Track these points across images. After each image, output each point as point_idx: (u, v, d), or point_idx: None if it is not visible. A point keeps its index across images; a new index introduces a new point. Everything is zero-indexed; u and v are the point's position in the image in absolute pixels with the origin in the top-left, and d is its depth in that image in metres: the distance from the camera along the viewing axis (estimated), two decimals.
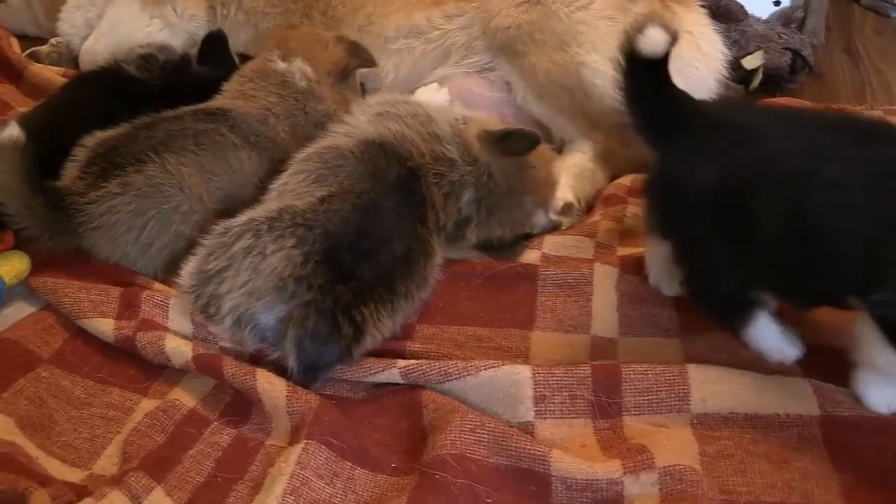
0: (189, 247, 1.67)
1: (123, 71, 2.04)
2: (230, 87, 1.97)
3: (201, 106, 1.89)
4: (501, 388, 1.44)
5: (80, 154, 1.75)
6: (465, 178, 1.72)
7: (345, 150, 1.65)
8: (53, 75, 2.48)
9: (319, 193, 1.55)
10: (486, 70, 2.20)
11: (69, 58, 2.67)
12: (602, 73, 2.04)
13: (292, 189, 1.61)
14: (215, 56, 2.09)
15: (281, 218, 1.50)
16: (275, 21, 2.40)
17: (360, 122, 1.77)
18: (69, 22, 2.62)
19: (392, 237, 1.56)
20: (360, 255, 1.50)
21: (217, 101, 1.93)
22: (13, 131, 1.62)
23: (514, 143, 1.76)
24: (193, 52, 2.12)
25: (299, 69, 1.96)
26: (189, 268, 1.54)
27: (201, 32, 2.40)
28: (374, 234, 1.53)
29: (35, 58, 2.66)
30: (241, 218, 1.54)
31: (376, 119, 1.76)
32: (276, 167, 1.77)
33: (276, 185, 1.67)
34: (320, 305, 1.44)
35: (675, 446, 1.34)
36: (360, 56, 2.05)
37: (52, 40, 2.71)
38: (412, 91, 2.17)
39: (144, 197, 1.69)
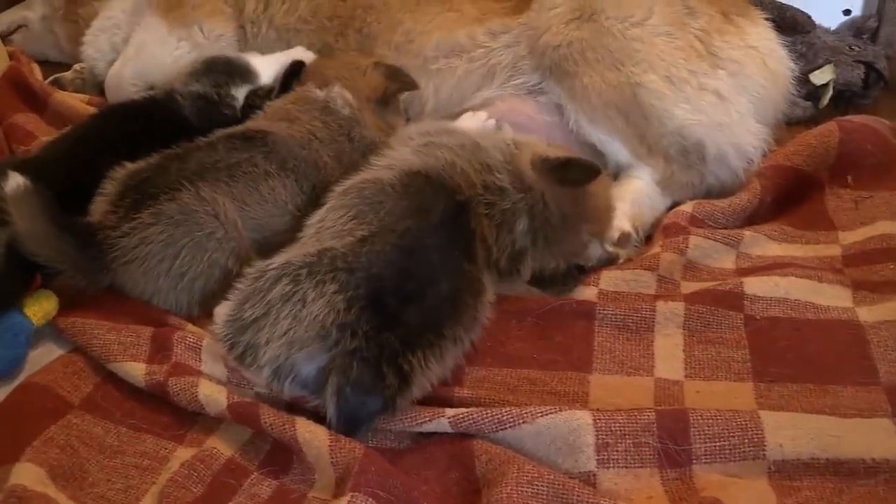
0: (224, 278, 1.72)
1: (176, 104, 2.11)
2: (275, 104, 2.04)
3: (239, 128, 1.94)
4: (560, 435, 1.45)
5: (110, 187, 1.80)
6: (517, 206, 1.73)
7: (385, 185, 1.67)
8: (78, 103, 2.55)
9: (360, 233, 1.57)
10: (534, 92, 2.22)
11: (93, 84, 2.74)
12: (660, 93, 2.06)
13: (331, 226, 1.63)
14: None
15: (320, 262, 1.51)
16: (307, 39, 2.45)
17: (402, 152, 1.80)
18: (93, 46, 2.69)
19: (438, 277, 1.56)
20: (405, 299, 1.51)
21: (258, 122, 1.99)
22: (16, 180, 1.66)
23: (573, 174, 1.77)
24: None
25: (339, 95, 2.01)
26: (223, 315, 1.56)
27: (230, 53, 2.47)
28: (420, 275, 1.54)
29: (58, 85, 2.74)
30: (277, 260, 1.56)
31: (422, 149, 1.78)
32: (318, 194, 1.82)
33: (314, 221, 1.69)
34: (365, 354, 1.45)
35: (751, 499, 1.34)
36: (399, 80, 2.09)
37: (76, 66, 2.78)
38: (455, 116, 2.20)
39: (177, 225, 1.73)
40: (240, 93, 2.19)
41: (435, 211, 1.63)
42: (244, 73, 2.24)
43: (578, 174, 1.77)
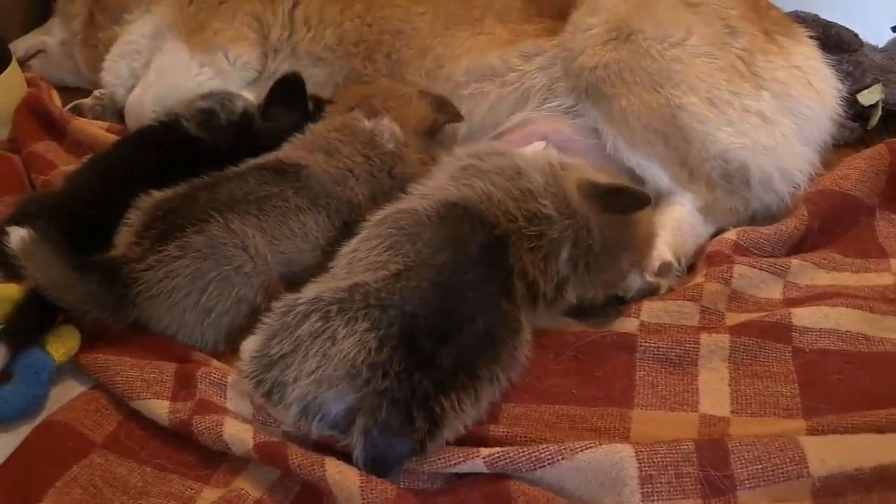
0: (252, 313, 1.74)
1: (182, 128, 2.14)
2: (317, 130, 2.06)
3: (272, 158, 1.96)
4: (602, 470, 1.46)
5: (134, 218, 1.83)
6: (564, 234, 1.74)
7: (422, 216, 1.69)
8: (98, 131, 2.59)
9: (394, 266, 1.59)
10: (570, 115, 2.25)
11: (113, 110, 2.78)
12: (701, 115, 2.08)
13: (363, 258, 1.65)
14: (287, 102, 2.17)
15: (352, 298, 1.52)
16: (332, 67, 2.50)
17: (440, 180, 1.82)
18: (113, 72, 2.73)
19: (475, 315, 1.56)
20: (439, 339, 1.51)
21: (294, 152, 2.00)
22: (18, 234, 1.68)
23: (623, 202, 1.79)
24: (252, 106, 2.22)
25: (388, 129, 2.03)
26: (250, 351, 1.57)
27: (252, 79, 2.52)
28: (455, 313, 1.55)
29: (78, 111, 2.78)
30: (307, 294, 1.58)
31: (460, 175, 1.80)
32: (349, 230, 1.84)
33: (346, 251, 1.71)
34: (395, 395, 1.46)
35: None
36: (447, 111, 2.12)
37: (96, 92, 2.83)
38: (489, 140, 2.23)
39: (205, 258, 1.76)
40: (239, 105, 2.23)
41: (472, 245, 1.65)
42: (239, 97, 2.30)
43: (629, 202, 1.79)
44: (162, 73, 2.58)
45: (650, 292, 1.93)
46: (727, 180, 2.09)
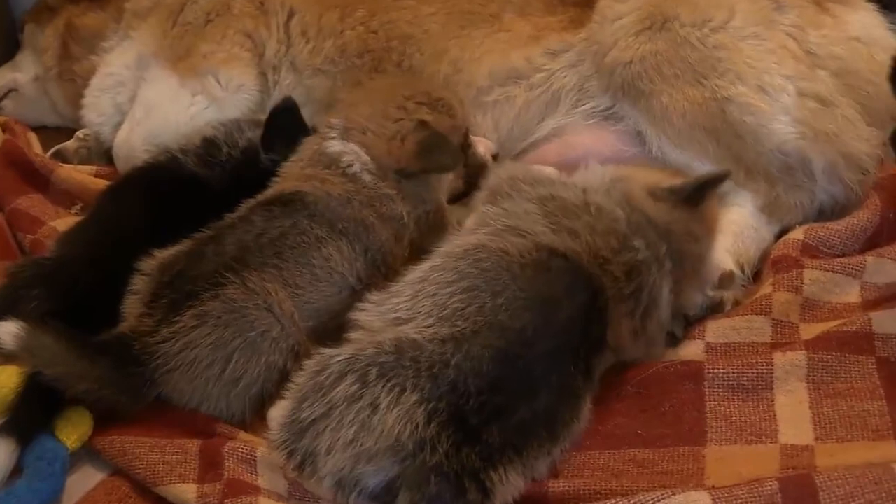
0: (283, 380, 1.76)
1: (181, 166, 2.18)
2: (289, 168, 2.09)
3: (271, 194, 2.00)
4: None
5: (140, 284, 1.86)
6: (661, 270, 1.78)
7: (514, 263, 1.67)
8: (85, 177, 2.64)
9: (461, 326, 1.58)
10: (610, 118, 2.29)
11: (100, 152, 2.85)
12: (752, 106, 2.12)
13: (432, 294, 1.64)
14: (286, 134, 2.19)
15: (399, 362, 1.53)
16: (334, 81, 2.56)
17: (529, 215, 1.80)
18: (95, 109, 2.79)
19: (537, 391, 1.57)
20: (489, 416, 1.53)
21: (289, 184, 2.03)
22: (9, 329, 1.71)
23: (705, 189, 1.84)
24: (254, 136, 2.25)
25: (355, 155, 2.05)
26: (279, 416, 1.60)
27: (252, 104, 2.57)
28: (515, 389, 1.56)
29: (61, 157, 2.83)
30: (343, 351, 1.59)
31: (549, 213, 1.79)
32: (374, 261, 1.92)
33: (414, 277, 1.71)
34: (444, 469, 1.48)
35: None
36: (433, 162, 2.05)
37: (79, 133, 2.88)
38: (521, 152, 2.29)
39: (226, 326, 1.79)
40: (245, 136, 2.27)
41: (565, 309, 1.64)
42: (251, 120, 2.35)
43: (710, 186, 1.85)
44: (150, 107, 2.64)
45: (714, 309, 1.97)
46: (788, 174, 2.12)
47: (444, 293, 1.64)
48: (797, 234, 2.10)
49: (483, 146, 2.25)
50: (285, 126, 2.20)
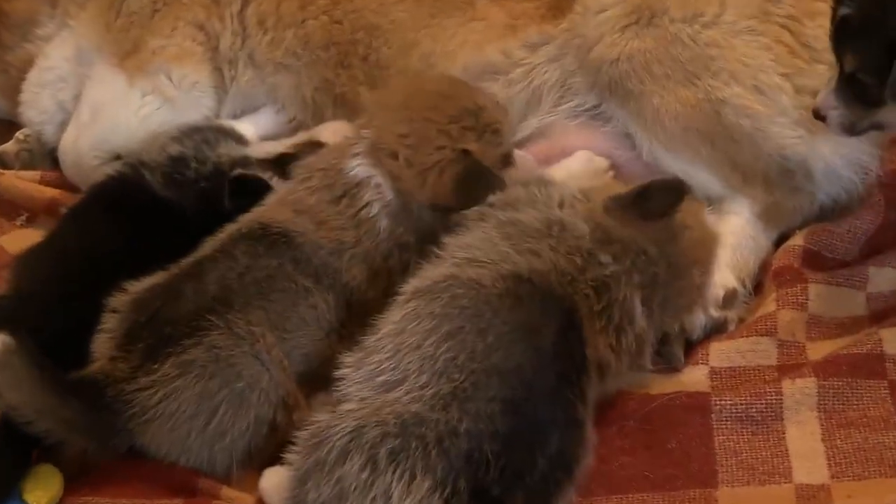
0: (272, 432, 1.76)
1: (147, 186, 2.12)
2: (286, 191, 2.01)
3: (256, 224, 1.93)
4: None
5: (111, 322, 1.82)
6: (629, 283, 1.75)
7: (491, 294, 1.64)
8: (29, 185, 2.58)
9: (457, 377, 1.53)
10: (595, 117, 2.27)
11: (43, 153, 2.77)
12: (749, 109, 2.11)
13: (414, 346, 1.59)
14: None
15: (406, 443, 1.47)
16: (298, 77, 2.50)
17: (490, 239, 1.77)
18: (35, 106, 2.71)
19: (549, 435, 1.55)
20: (511, 481, 1.50)
21: (278, 212, 1.95)
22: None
23: (656, 201, 1.80)
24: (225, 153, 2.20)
25: (378, 189, 1.94)
26: (280, 497, 1.57)
27: (209, 103, 2.51)
28: (530, 441, 1.53)
29: (1, 162, 2.75)
30: (341, 423, 1.53)
31: (513, 236, 1.76)
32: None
33: (390, 330, 1.65)
34: None
35: None
36: (472, 197, 1.90)
37: (19, 134, 2.80)
38: None
39: (211, 376, 1.75)
40: (215, 150, 2.22)
41: (547, 334, 1.62)
42: (229, 132, 2.30)
43: (664, 198, 1.81)
44: (97, 109, 2.57)
45: (717, 329, 1.98)
46: (787, 178, 2.12)
47: (429, 344, 1.59)
48: (797, 239, 2.12)
49: (523, 164, 2.14)
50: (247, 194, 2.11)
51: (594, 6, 2.24)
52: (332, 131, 2.23)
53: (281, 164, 2.16)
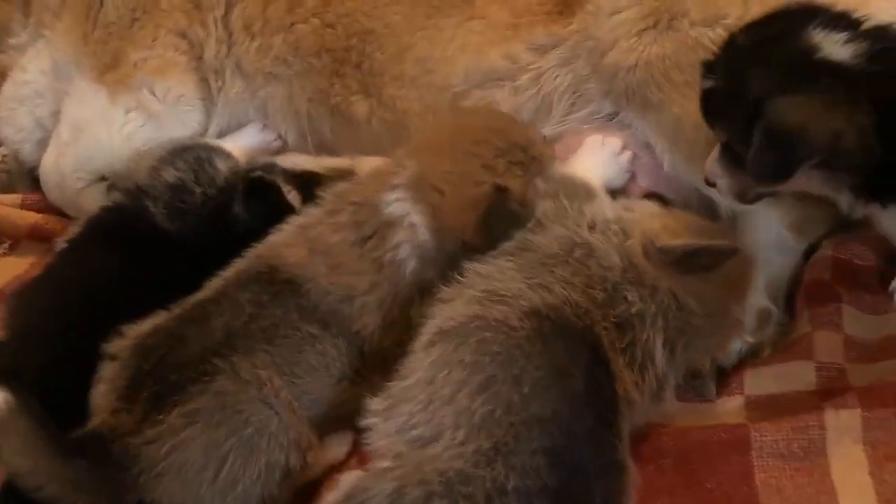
0: (286, 477, 1.73)
1: (149, 217, 2.09)
2: (317, 219, 1.95)
3: (262, 263, 1.89)
4: None
5: (111, 371, 1.78)
6: (654, 326, 1.70)
7: (520, 337, 1.59)
8: (11, 211, 2.54)
9: (497, 433, 1.48)
10: (610, 123, 2.20)
11: (22, 173, 2.72)
12: None
13: (448, 398, 1.53)
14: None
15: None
16: (290, 87, 2.44)
17: (505, 269, 1.74)
18: (12, 124, 2.66)
19: (594, 482, 1.51)
20: None
21: (288, 252, 1.91)
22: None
23: (703, 261, 1.75)
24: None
25: (413, 231, 1.89)
26: None
27: (197, 117, 2.45)
28: (576, 492, 1.49)
29: None
30: (383, 485, 1.46)
31: (525, 268, 1.72)
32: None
33: (420, 378, 1.60)
34: None
35: None
36: (496, 237, 1.84)
37: None
38: None
39: (218, 425, 1.72)
40: (221, 170, 2.17)
41: (577, 374, 1.58)
42: (215, 148, 2.25)
43: (713, 260, 1.76)
44: (78, 127, 2.52)
45: (752, 354, 1.95)
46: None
47: (463, 396, 1.53)
48: (827, 250, 2.08)
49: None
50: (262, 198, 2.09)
51: (608, 7, 2.17)
52: (373, 167, 2.12)
53: (306, 182, 2.12)
